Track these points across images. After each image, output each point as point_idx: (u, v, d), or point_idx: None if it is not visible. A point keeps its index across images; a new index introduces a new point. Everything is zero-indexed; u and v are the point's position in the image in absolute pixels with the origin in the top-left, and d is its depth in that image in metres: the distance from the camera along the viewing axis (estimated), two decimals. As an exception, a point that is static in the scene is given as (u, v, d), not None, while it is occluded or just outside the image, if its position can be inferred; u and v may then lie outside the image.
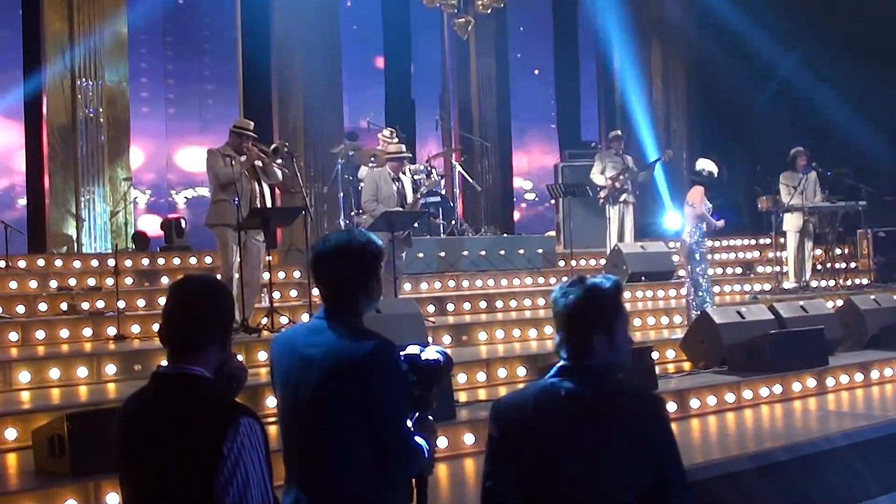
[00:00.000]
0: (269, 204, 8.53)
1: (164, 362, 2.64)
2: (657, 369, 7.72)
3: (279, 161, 8.60)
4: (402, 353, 2.88)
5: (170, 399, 2.50)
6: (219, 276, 7.90)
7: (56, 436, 5.01)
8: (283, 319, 8.18)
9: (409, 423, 2.84)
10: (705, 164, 9.99)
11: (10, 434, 5.76)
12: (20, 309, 8.48)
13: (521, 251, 11.87)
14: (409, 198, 9.58)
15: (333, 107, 13.41)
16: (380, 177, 9.46)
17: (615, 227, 12.26)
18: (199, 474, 2.37)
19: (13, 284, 9.12)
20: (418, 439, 2.83)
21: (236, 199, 8.02)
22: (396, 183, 9.43)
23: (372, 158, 11.21)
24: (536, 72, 17.08)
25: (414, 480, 2.92)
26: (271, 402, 6.10)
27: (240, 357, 5.34)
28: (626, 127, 15.14)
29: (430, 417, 2.93)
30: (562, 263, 11.91)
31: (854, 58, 14.43)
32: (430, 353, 2.91)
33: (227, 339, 2.63)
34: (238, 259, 8.12)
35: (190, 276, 2.70)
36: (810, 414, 7.55)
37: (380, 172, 9.55)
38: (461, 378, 7.49)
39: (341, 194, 11.59)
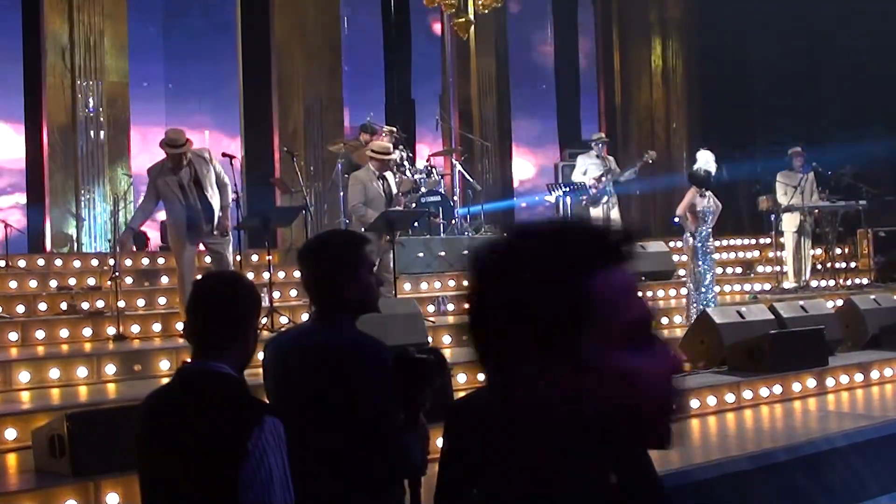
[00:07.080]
0: None
1: (187, 359, 2.65)
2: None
3: None
4: (392, 350, 2.86)
5: (195, 396, 2.51)
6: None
7: (56, 436, 5.01)
8: (283, 319, 8.17)
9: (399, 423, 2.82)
10: (699, 161, 9.97)
11: (10, 434, 5.75)
12: (20, 309, 8.47)
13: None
14: (397, 197, 9.39)
15: (333, 107, 13.41)
16: (367, 177, 9.16)
17: None
18: (223, 471, 2.39)
19: (13, 284, 9.11)
20: (408, 438, 2.79)
21: None
22: (381, 182, 9.16)
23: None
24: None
25: (407, 481, 2.91)
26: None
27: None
28: (627, 126, 15.14)
29: (423, 417, 2.88)
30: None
31: (854, 58, 14.43)
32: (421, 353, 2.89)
33: (253, 336, 2.64)
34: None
35: (213, 274, 2.73)
36: (810, 414, 7.54)
37: (366, 172, 9.24)
38: (461, 378, 7.45)
39: (341, 193, 11.57)
